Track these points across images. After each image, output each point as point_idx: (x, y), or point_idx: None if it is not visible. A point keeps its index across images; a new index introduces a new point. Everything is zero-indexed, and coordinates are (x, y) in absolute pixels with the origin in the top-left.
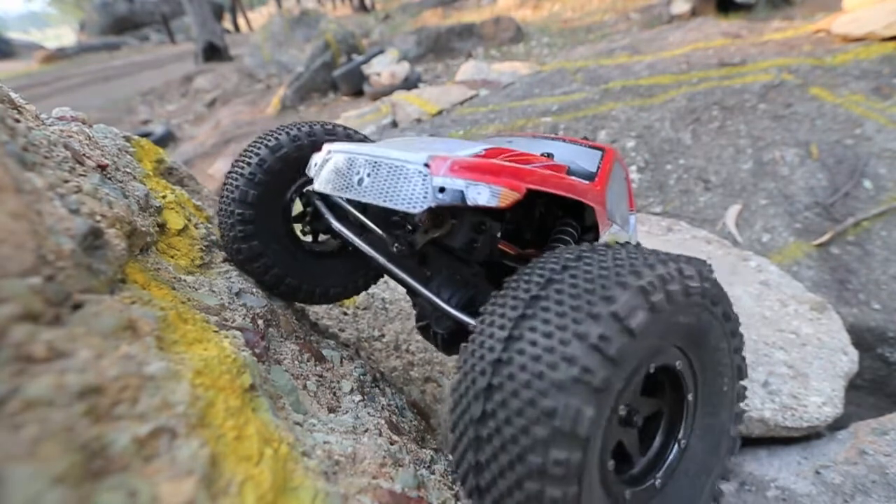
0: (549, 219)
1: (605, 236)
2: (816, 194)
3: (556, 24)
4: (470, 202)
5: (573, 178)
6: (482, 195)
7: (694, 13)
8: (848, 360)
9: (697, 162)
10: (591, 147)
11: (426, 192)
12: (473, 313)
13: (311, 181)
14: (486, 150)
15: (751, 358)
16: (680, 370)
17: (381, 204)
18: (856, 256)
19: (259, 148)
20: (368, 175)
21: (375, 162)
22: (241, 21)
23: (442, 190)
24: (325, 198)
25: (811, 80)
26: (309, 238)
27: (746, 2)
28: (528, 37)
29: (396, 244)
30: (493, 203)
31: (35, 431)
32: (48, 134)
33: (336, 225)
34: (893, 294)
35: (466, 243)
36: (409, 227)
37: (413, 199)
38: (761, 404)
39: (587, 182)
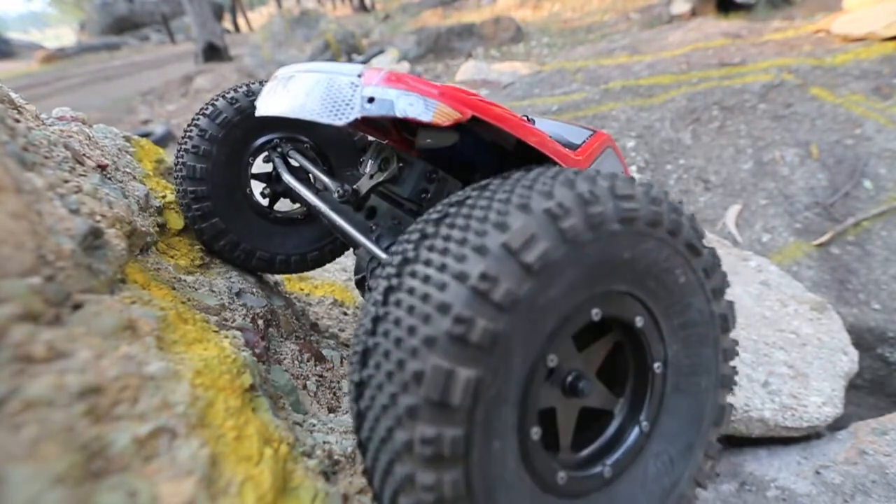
0: None
1: None
2: (816, 194)
3: (556, 24)
4: (399, 113)
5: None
6: (414, 107)
7: (694, 13)
8: (848, 360)
9: (697, 162)
10: (582, 128)
11: (353, 102)
12: None
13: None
14: (448, 86)
15: (751, 358)
16: (606, 314)
17: (310, 118)
18: (856, 256)
19: (182, 169)
20: (304, 93)
21: (311, 78)
22: (241, 21)
23: (371, 100)
24: (283, 158)
25: (811, 80)
26: (296, 206)
27: (746, 2)
28: (528, 37)
29: (339, 189)
30: (427, 118)
31: (35, 431)
32: (48, 134)
33: (286, 177)
34: (893, 294)
35: (416, 193)
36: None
37: (339, 109)
38: (761, 404)
39: (566, 148)
